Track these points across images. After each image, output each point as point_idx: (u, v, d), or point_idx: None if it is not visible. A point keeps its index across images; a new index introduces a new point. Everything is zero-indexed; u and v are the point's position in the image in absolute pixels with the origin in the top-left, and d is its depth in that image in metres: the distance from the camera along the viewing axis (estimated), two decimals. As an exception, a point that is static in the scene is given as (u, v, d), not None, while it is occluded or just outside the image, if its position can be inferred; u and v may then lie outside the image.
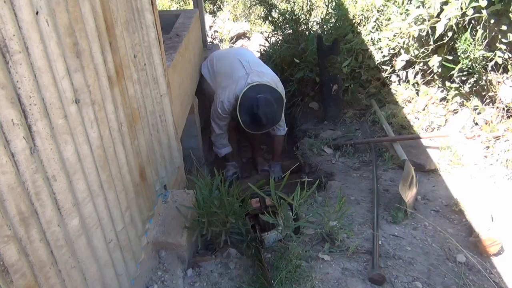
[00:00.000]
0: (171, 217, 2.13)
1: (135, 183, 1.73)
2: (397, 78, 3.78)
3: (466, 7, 2.98)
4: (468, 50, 3.05)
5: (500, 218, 2.36)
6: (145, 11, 1.88)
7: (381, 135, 3.33)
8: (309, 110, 3.93)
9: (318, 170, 3.13)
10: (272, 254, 2.10)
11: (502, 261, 2.13)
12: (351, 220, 2.43)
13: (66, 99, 1.20)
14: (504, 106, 2.99)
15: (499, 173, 2.73)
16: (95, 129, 1.37)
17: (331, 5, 4.07)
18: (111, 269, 1.53)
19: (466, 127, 3.15)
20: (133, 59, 1.76)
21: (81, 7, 1.29)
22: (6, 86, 0.96)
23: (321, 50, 3.56)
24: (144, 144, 1.88)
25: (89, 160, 1.33)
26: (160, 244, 2.04)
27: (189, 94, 3.13)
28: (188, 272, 2.04)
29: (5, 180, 0.97)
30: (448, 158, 2.95)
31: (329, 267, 2.07)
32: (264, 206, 2.21)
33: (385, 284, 1.97)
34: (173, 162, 2.32)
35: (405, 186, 2.49)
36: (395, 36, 3.62)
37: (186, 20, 3.31)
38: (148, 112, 1.96)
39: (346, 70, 3.69)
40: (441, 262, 2.10)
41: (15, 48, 0.98)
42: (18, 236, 1.03)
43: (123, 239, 1.61)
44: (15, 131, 0.99)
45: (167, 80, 2.16)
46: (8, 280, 1.00)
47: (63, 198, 1.20)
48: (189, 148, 3.24)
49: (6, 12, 0.95)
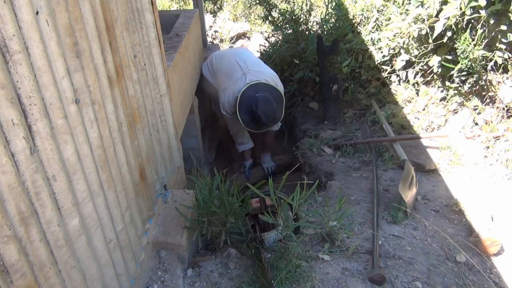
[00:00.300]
0: (171, 217, 2.13)
1: (135, 183, 1.73)
2: (397, 78, 3.78)
3: (465, 7, 2.98)
4: (467, 50, 3.05)
5: (500, 218, 2.37)
6: (145, 11, 1.88)
7: (381, 135, 3.33)
8: (309, 110, 3.93)
9: (318, 170, 3.13)
10: (272, 254, 2.10)
11: (502, 261, 2.13)
12: (351, 220, 2.43)
13: (66, 99, 1.20)
14: (504, 106, 2.99)
15: (499, 173, 2.73)
16: (95, 129, 1.37)
17: (331, 5, 4.07)
18: (111, 269, 1.53)
19: (466, 127, 3.15)
20: (133, 59, 1.76)
21: (81, 7, 1.29)
22: (6, 86, 0.96)
23: (321, 50, 3.56)
24: (144, 144, 1.88)
25: (89, 160, 1.33)
26: (160, 244, 2.04)
27: (189, 94, 3.13)
28: (188, 272, 2.04)
29: (5, 180, 0.97)
30: (448, 158, 2.95)
31: (329, 267, 2.07)
32: (264, 206, 2.21)
33: (385, 284, 1.97)
34: (173, 162, 2.32)
35: (405, 186, 2.49)
36: (395, 36, 3.62)
37: (186, 20, 3.31)
38: (148, 112, 1.96)
39: (346, 70, 3.70)
40: (441, 262, 2.10)
41: (15, 48, 0.98)
42: (18, 236, 1.03)
43: (123, 239, 1.61)
44: (15, 131, 0.99)
45: (167, 80, 2.16)
46: (8, 280, 1.00)
47: (63, 198, 1.20)
48: (189, 148, 3.24)
49: (6, 12, 0.95)
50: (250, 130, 3.21)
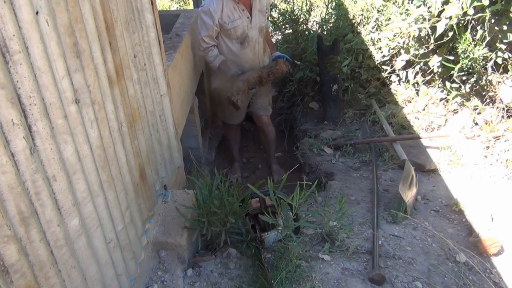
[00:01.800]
0: (171, 217, 2.13)
1: (135, 183, 1.73)
2: (397, 78, 3.78)
3: (467, 6, 2.98)
4: (468, 50, 3.05)
5: (500, 218, 2.36)
6: (145, 11, 1.88)
7: (381, 135, 3.33)
8: (309, 110, 3.93)
9: (318, 170, 3.13)
10: (272, 254, 2.10)
11: (502, 261, 2.13)
12: (351, 220, 2.43)
13: (66, 99, 1.20)
14: (504, 106, 2.99)
15: (499, 173, 2.73)
16: (95, 129, 1.37)
17: (331, 5, 4.07)
18: (111, 269, 1.53)
19: (466, 127, 3.15)
20: (133, 59, 1.76)
21: (81, 7, 1.28)
22: (6, 86, 0.96)
23: (321, 50, 3.56)
24: (144, 144, 1.88)
25: (89, 160, 1.33)
26: (160, 244, 2.04)
27: (189, 94, 3.13)
28: (188, 272, 2.04)
29: (5, 180, 0.97)
30: (448, 158, 2.95)
31: (329, 267, 2.07)
32: (264, 206, 2.21)
33: (385, 284, 1.97)
34: (173, 162, 2.32)
35: (405, 186, 2.49)
36: (395, 36, 3.62)
37: (186, 20, 3.30)
38: (148, 112, 1.95)
39: (346, 70, 3.69)
40: (441, 262, 2.10)
41: (15, 48, 0.98)
42: (18, 236, 1.03)
43: (123, 239, 1.61)
44: (15, 131, 0.99)
45: (167, 80, 2.16)
46: (8, 280, 1.00)
47: (63, 198, 1.20)
48: (189, 148, 3.24)
49: (6, 12, 0.95)
50: None
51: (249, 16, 2.96)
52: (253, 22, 2.98)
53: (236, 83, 2.95)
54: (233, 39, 3.00)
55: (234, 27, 2.92)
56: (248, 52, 3.04)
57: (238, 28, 2.94)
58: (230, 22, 2.91)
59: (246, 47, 3.02)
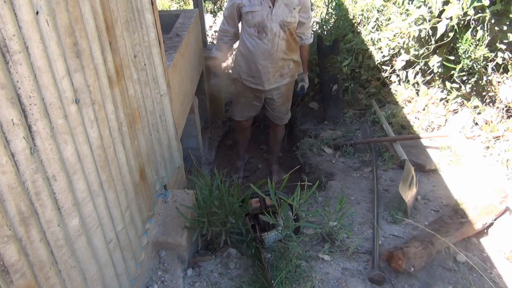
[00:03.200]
0: (171, 217, 2.13)
1: (135, 183, 1.73)
2: (397, 78, 3.78)
3: (467, 7, 2.98)
4: (469, 50, 3.05)
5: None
6: (145, 11, 1.88)
7: (381, 135, 3.33)
8: (309, 110, 3.94)
9: (318, 170, 3.13)
10: (272, 254, 2.10)
11: (502, 261, 2.13)
12: (351, 220, 2.43)
13: (66, 99, 1.20)
14: (504, 106, 2.99)
15: (499, 173, 2.73)
16: (95, 129, 1.37)
17: (331, 5, 4.07)
18: (111, 269, 1.53)
19: (466, 127, 3.15)
20: (133, 59, 1.76)
21: (81, 7, 1.28)
22: (6, 86, 0.96)
23: (321, 50, 3.56)
24: (144, 144, 1.88)
25: (89, 160, 1.33)
26: (160, 244, 2.04)
27: (189, 94, 3.13)
28: (188, 272, 2.04)
29: (5, 180, 0.97)
30: (448, 158, 2.95)
31: (329, 267, 2.07)
32: (264, 206, 2.21)
33: (385, 284, 1.97)
34: (173, 162, 2.32)
35: (405, 186, 2.49)
36: (395, 36, 3.62)
37: (186, 20, 3.30)
38: (148, 112, 1.95)
39: (346, 70, 3.70)
40: (441, 262, 2.10)
41: (15, 48, 0.98)
42: (18, 236, 1.03)
43: (123, 239, 1.61)
44: (15, 131, 0.99)
45: (167, 80, 2.16)
46: (8, 280, 1.00)
47: (63, 198, 1.20)
48: (189, 148, 3.24)
49: (6, 12, 0.95)
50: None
51: (271, 6, 2.89)
52: (274, 13, 2.89)
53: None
54: (251, 26, 2.95)
55: (251, 11, 2.90)
56: (266, 43, 2.97)
57: (256, 15, 2.90)
58: (249, 6, 2.90)
59: (263, 38, 2.95)
